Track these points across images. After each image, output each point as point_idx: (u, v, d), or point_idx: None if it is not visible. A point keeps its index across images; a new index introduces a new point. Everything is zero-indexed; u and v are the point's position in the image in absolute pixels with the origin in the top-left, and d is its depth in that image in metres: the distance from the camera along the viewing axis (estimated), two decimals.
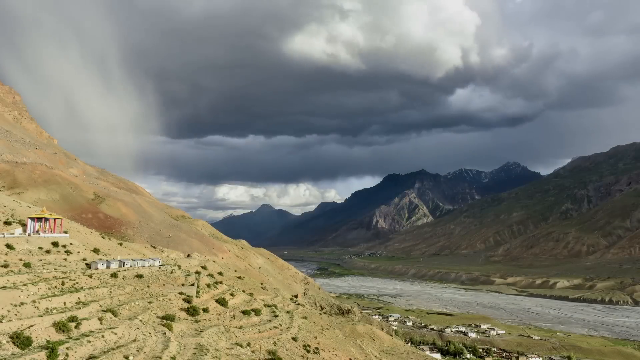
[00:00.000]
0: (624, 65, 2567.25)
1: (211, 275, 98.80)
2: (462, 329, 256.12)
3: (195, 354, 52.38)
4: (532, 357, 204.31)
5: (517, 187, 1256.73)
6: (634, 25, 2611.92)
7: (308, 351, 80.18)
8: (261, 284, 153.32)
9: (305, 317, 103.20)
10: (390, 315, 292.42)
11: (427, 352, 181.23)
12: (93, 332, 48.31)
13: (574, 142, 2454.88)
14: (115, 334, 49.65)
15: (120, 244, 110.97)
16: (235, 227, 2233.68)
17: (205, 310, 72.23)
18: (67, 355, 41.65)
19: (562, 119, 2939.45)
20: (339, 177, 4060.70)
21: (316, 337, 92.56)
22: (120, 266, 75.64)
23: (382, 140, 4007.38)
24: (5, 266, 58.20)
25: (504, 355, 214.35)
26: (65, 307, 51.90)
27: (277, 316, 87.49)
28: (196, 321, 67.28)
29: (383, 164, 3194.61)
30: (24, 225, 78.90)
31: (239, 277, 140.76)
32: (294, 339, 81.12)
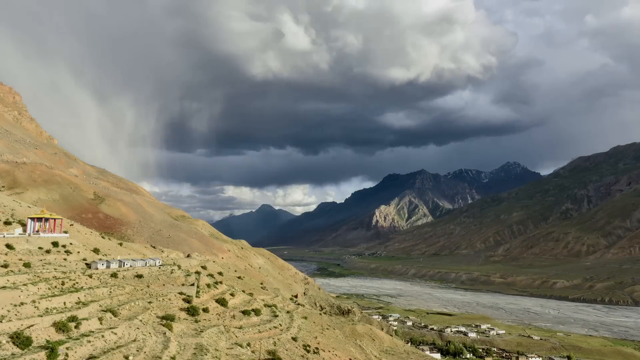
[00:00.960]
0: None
1: (211, 275, 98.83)
2: (462, 329, 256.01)
3: (195, 354, 52.35)
4: (532, 357, 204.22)
5: (517, 187, 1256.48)
6: None
7: (308, 351, 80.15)
8: (261, 284, 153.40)
9: (305, 317, 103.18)
10: (390, 315, 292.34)
11: (427, 352, 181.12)
12: (93, 332, 48.28)
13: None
14: (115, 334, 49.62)
15: (120, 244, 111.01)
16: (235, 227, 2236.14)
17: (205, 310, 72.21)
18: (67, 355, 41.63)
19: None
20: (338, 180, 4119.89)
21: (316, 337, 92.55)
22: (120, 266, 75.63)
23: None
24: (5, 266, 58.20)
25: (503, 355, 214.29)
26: (65, 307, 51.89)
27: (277, 316, 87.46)
28: (196, 321, 67.25)
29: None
30: (24, 225, 78.90)
31: (239, 277, 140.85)
32: (294, 339, 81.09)
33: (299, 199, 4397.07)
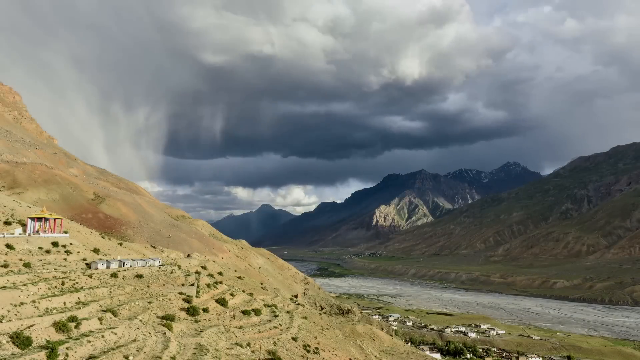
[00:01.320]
0: None
1: (211, 275, 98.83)
2: (462, 329, 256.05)
3: (195, 354, 52.34)
4: (532, 357, 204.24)
5: (517, 187, 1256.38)
6: None
7: (308, 351, 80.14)
8: (261, 284, 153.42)
9: (305, 317, 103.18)
10: (390, 315, 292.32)
11: (427, 352, 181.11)
12: (93, 332, 48.26)
13: None
14: (115, 334, 49.61)
15: (120, 244, 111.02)
16: (235, 227, 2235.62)
17: (205, 310, 72.20)
18: (67, 355, 41.62)
19: None
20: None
21: (316, 337, 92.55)
22: (120, 266, 75.60)
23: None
24: (5, 266, 58.19)
25: (503, 355, 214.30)
26: (65, 307, 51.89)
27: (277, 316, 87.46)
28: (196, 321, 67.24)
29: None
30: (24, 225, 78.88)
31: (239, 277, 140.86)
32: (294, 339, 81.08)
33: (299, 199, 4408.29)
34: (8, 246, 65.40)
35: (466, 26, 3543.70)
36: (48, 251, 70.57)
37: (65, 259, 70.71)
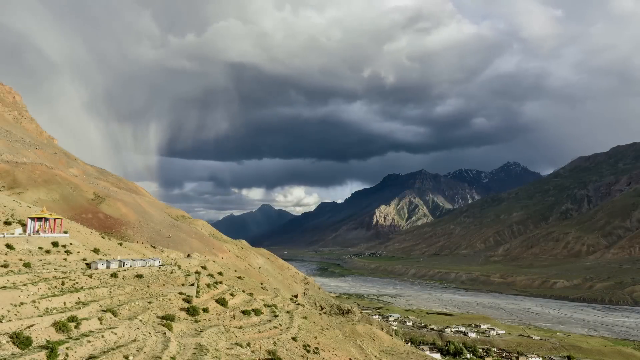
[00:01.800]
0: None
1: (211, 275, 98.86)
2: (462, 329, 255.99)
3: (195, 354, 52.32)
4: (532, 357, 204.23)
5: (517, 187, 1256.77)
6: None
7: (308, 351, 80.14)
8: (261, 284, 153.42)
9: (305, 317, 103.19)
10: (390, 315, 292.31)
11: (427, 352, 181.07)
12: (93, 332, 48.24)
13: None
14: (115, 334, 49.59)
15: (120, 244, 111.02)
16: (235, 227, 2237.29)
17: (205, 310, 72.20)
18: (67, 355, 41.61)
19: None
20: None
21: (316, 337, 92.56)
22: (120, 266, 75.59)
23: None
24: (5, 266, 58.18)
25: (503, 355, 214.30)
26: (65, 307, 51.88)
27: (277, 316, 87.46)
28: (196, 321, 67.24)
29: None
30: (24, 225, 78.87)
31: (239, 277, 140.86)
32: (294, 339, 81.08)
33: (299, 198, 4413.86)
34: (8, 246, 65.40)
35: (456, 30, 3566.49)
36: (48, 251, 70.57)
37: (65, 259, 70.72)
